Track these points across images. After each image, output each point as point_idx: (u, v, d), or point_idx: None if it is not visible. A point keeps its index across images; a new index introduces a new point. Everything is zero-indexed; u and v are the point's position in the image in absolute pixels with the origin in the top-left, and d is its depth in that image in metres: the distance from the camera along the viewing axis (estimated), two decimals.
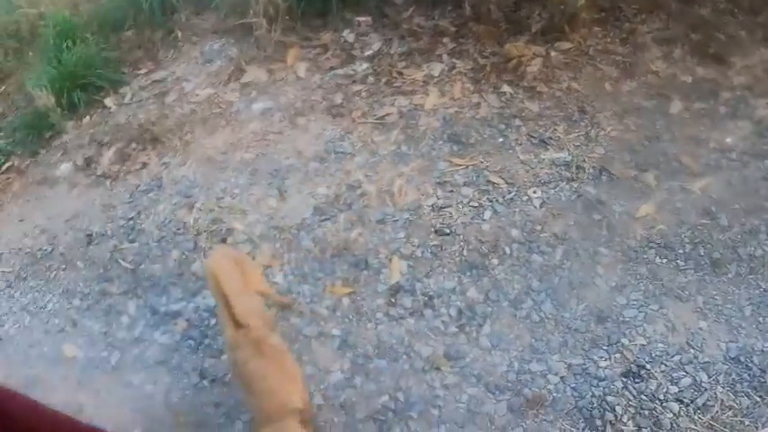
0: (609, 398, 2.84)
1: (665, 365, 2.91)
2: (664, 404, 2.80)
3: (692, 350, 2.95)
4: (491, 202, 3.50)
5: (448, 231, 3.42)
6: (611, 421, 2.78)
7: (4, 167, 4.42)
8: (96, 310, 3.60)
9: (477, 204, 3.50)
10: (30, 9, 4.86)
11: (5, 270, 3.96)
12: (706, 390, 2.84)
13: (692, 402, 2.80)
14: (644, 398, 2.83)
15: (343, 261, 3.39)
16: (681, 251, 3.30)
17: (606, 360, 2.95)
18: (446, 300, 3.21)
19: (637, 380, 2.88)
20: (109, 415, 3.21)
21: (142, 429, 3.13)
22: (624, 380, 2.89)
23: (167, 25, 4.80)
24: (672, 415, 2.77)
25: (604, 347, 2.99)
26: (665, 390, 2.84)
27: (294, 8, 4.40)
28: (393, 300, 3.23)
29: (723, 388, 2.83)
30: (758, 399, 2.80)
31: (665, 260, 3.26)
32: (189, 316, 3.41)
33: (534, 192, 3.56)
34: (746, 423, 2.75)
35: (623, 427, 2.75)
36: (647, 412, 2.79)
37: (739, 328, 3.01)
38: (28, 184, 4.30)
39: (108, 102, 4.48)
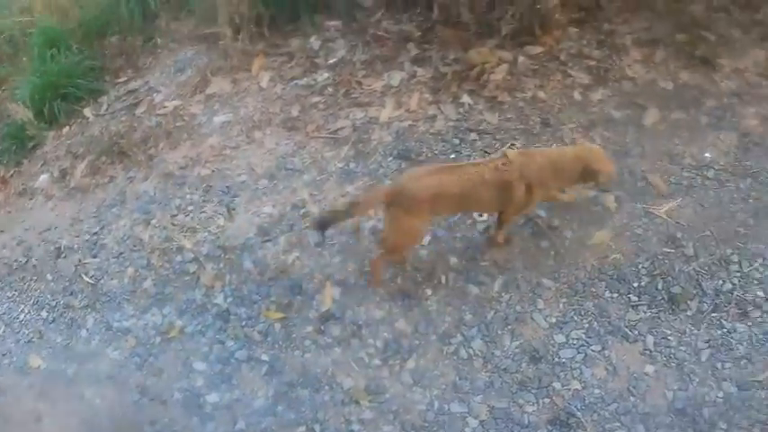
0: None
1: (599, 414, 2.77)
2: None
3: (632, 398, 2.78)
4: (432, 226, 3.41)
5: None
6: None
7: None
8: (60, 322, 3.76)
9: None
10: (23, 17, 4.99)
11: None
12: None
13: None
14: None
15: (280, 285, 3.42)
16: (635, 284, 3.11)
17: (533, 405, 2.84)
18: (374, 330, 3.19)
19: (563, 429, 2.75)
20: (62, 425, 3.38)
21: None
22: (550, 428, 2.77)
23: (149, 31, 4.85)
24: None
25: (533, 391, 2.87)
26: None
27: (263, 15, 4.36)
28: (322, 328, 3.24)
29: None
30: None
31: (615, 294, 3.08)
32: (138, 333, 3.53)
33: (480, 215, 3.43)
34: None
35: None
36: None
37: (692, 374, 2.82)
38: (10, 195, 4.49)
39: (87, 112, 4.60)
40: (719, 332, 2.93)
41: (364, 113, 3.92)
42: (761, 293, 3.06)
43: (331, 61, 4.23)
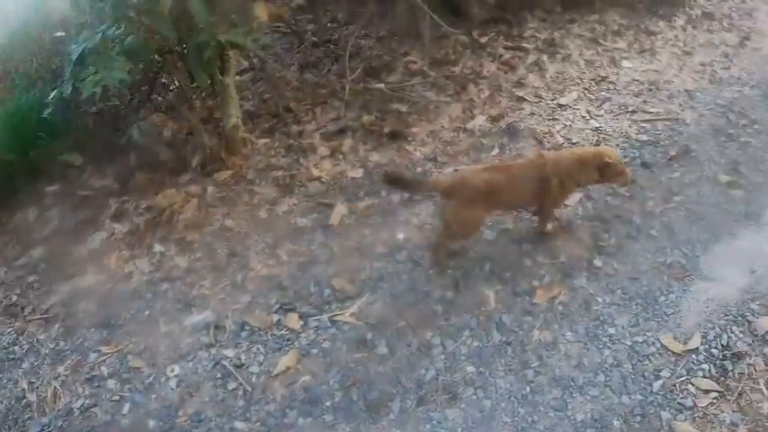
0: None
1: None
2: None
3: None
4: (131, 392, 3.61)
5: None
6: None
7: None
8: None
9: (118, 398, 3.61)
10: None
11: None
12: None
13: None
14: None
15: None
16: (328, 403, 3.12)
17: None
18: None
19: None
20: None
21: None
22: None
23: None
24: None
25: None
26: None
27: None
28: None
29: None
30: None
31: (309, 419, 3.07)
32: None
33: (172, 370, 3.58)
34: None
35: None
36: None
37: None
38: None
39: None
40: (428, 426, 2.93)
41: (71, 285, 4.13)
42: (471, 368, 3.15)
43: (46, 232, 4.43)
